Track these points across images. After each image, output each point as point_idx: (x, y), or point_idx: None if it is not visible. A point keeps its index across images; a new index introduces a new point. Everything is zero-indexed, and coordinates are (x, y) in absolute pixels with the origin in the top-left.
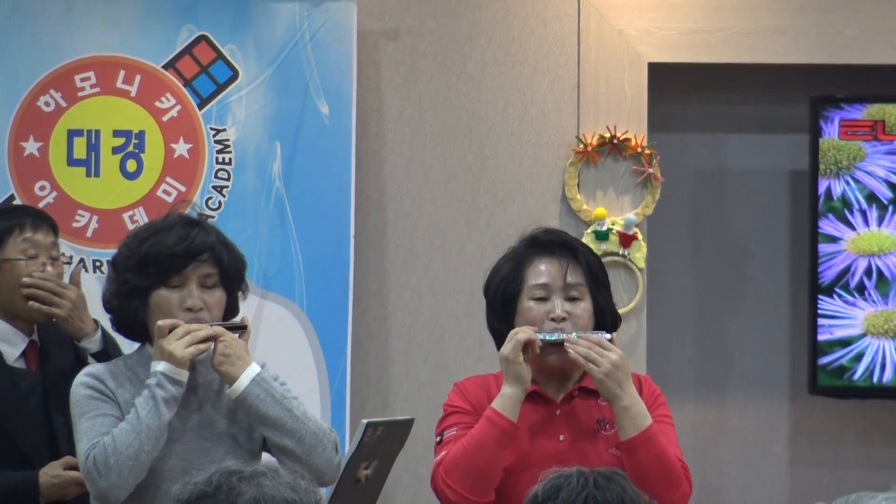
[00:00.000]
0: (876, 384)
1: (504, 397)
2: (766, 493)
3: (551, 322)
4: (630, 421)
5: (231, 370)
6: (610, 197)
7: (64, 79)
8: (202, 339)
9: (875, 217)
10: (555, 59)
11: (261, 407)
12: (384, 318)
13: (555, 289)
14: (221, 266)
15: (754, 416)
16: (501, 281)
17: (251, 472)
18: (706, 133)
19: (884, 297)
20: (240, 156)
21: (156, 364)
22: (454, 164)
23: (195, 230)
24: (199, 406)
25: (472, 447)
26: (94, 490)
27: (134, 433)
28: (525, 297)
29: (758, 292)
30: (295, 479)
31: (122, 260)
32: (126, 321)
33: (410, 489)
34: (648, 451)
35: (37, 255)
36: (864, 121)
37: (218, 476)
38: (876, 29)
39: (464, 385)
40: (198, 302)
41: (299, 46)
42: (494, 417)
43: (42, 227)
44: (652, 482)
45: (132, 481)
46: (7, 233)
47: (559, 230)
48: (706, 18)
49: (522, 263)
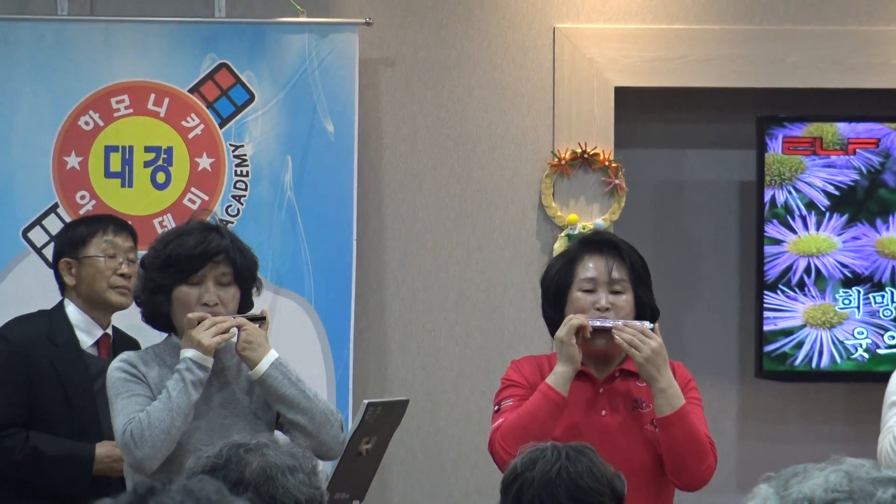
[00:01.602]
0: (814, 369)
1: (557, 374)
2: (718, 465)
3: (597, 312)
4: (666, 401)
5: (253, 355)
6: (581, 204)
7: (101, 101)
8: (226, 329)
9: (814, 222)
10: (532, 84)
11: (279, 387)
12: (382, 311)
13: (601, 282)
14: (235, 266)
15: (707, 397)
16: (555, 275)
17: (255, 443)
18: (665, 148)
19: (821, 293)
20: (256, 169)
21: (185, 351)
22: (444, 175)
23: (212, 234)
24: (221, 387)
25: (527, 416)
26: (131, 460)
27: (166, 411)
28: (575, 289)
29: (711, 288)
30: (293, 448)
31: (149, 261)
32: (153, 314)
33: (406, 461)
34: (682, 428)
35: (115, 255)
36: (804, 137)
37: (227, 449)
38: (814, 57)
39: (520, 363)
40: (213, 298)
41: (308, 72)
42: (548, 392)
43: (122, 233)
44: (683, 455)
45: (164, 452)
46: (91, 234)
47: (609, 232)
48: (665, 48)
49: (574, 260)
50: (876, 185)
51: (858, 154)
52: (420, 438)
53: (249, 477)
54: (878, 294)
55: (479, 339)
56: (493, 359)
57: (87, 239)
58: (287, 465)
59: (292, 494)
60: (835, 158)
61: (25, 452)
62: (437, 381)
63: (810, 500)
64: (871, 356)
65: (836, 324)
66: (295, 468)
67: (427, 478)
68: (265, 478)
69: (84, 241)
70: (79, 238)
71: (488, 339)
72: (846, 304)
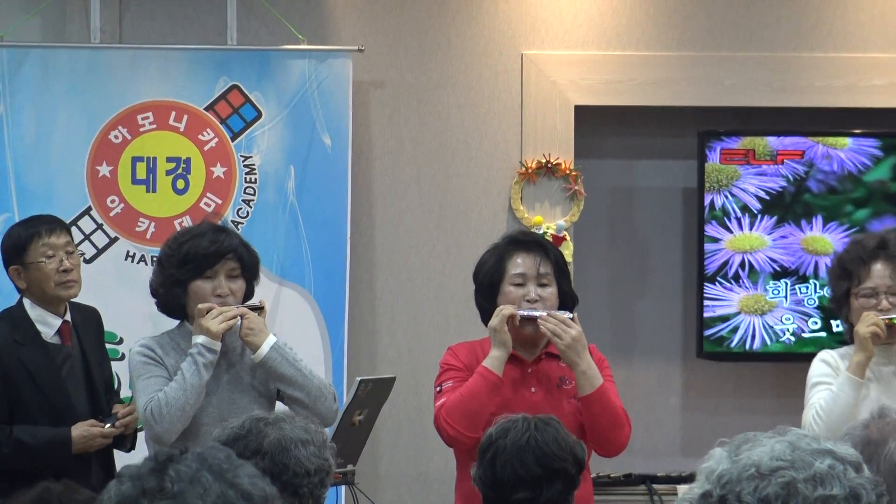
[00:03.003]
0: (747, 350)
1: (492, 358)
2: (665, 435)
3: (527, 303)
4: (587, 381)
5: (255, 340)
6: (545, 208)
7: (129, 118)
8: (231, 317)
9: (747, 223)
10: (503, 103)
11: (278, 367)
12: (373, 300)
13: (530, 277)
14: (243, 262)
15: (655, 375)
16: (488, 270)
17: (274, 418)
18: (619, 159)
19: (754, 284)
20: (263, 177)
21: (196, 337)
22: (426, 182)
23: (223, 235)
24: (228, 367)
25: (468, 395)
26: (151, 433)
27: (181, 390)
28: (506, 283)
29: (658, 280)
30: (307, 424)
31: (166, 258)
32: (169, 304)
33: (393, 430)
34: (601, 405)
35: (54, 254)
36: (739, 149)
37: (249, 421)
38: (748, 80)
39: (456, 349)
40: (225, 290)
41: (308, 93)
42: (485, 373)
43: (55, 232)
44: (604, 427)
45: (180, 427)
46: (28, 240)
47: (533, 232)
48: (619, 72)
49: (504, 257)
50: (801, 190)
51: (786, 164)
52: (405, 410)
53: (267, 446)
54: (803, 285)
55: (455, 325)
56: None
57: (27, 245)
58: (300, 439)
59: (303, 464)
60: (765, 168)
61: (11, 445)
62: (420, 361)
63: (757, 466)
64: (796, 339)
65: (766, 311)
66: (307, 441)
67: (411, 444)
68: (280, 448)
69: (24, 247)
70: (19, 245)
71: (463, 324)
72: (775, 294)
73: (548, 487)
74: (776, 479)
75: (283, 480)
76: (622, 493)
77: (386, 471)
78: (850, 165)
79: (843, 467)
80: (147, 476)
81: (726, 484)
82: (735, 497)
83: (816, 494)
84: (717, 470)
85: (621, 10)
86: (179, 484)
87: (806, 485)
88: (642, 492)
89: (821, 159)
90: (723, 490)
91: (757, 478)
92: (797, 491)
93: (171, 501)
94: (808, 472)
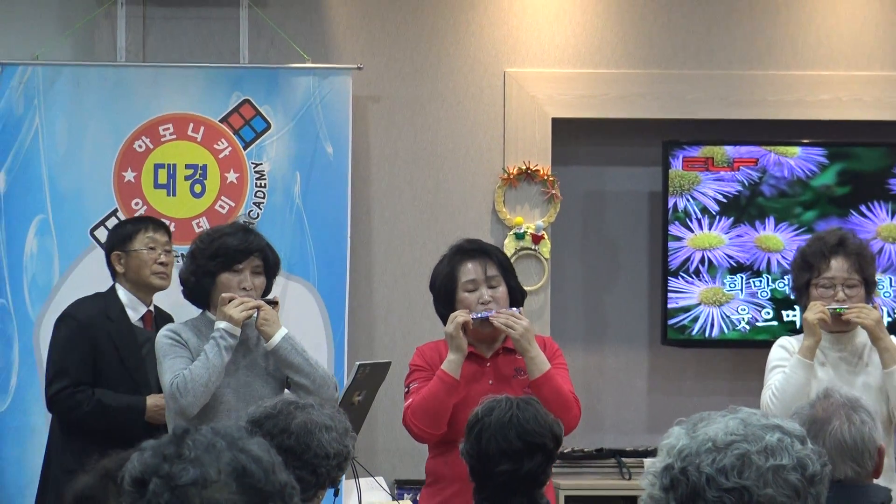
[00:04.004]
0: (707, 338)
1: (449, 362)
2: (632, 413)
3: (481, 305)
4: (536, 367)
5: (269, 330)
6: (525, 209)
7: (151, 129)
8: (250, 307)
9: (707, 223)
10: (487, 115)
11: (288, 356)
12: (371, 293)
13: (480, 281)
14: (266, 261)
15: (624, 360)
16: (442, 280)
17: (304, 403)
18: (591, 166)
19: (713, 278)
20: (272, 182)
21: (219, 323)
22: (419, 187)
23: (251, 235)
24: (245, 353)
25: (430, 397)
26: (176, 406)
27: (204, 368)
28: (460, 290)
29: (626, 275)
30: (333, 412)
31: (199, 252)
32: (196, 293)
33: (388, 409)
34: (549, 388)
35: (155, 248)
36: (699, 157)
37: (281, 404)
38: (707, 95)
39: (422, 350)
40: (249, 283)
41: (313, 106)
42: (443, 377)
43: (160, 230)
44: (552, 407)
45: (202, 401)
46: (136, 232)
47: (477, 239)
48: (591, 87)
49: (455, 266)
50: (755, 194)
51: (741, 170)
52: (400, 391)
53: (294, 427)
54: (756, 279)
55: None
56: None
57: (133, 236)
58: (325, 424)
59: (324, 447)
60: (723, 174)
61: (93, 404)
62: (413, 346)
63: (713, 440)
64: (751, 328)
65: (724, 302)
66: (330, 427)
67: None
68: (305, 430)
69: (131, 237)
70: (126, 235)
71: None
72: (732, 287)
73: (528, 460)
74: (732, 451)
75: (304, 459)
76: (594, 466)
77: (382, 444)
78: (799, 172)
79: (791, 440)
80: (167, 445)
81: (686, 457)
82: (695, 469)
83: (768, 464)
84: (676, 445)
85: (594, 32)
86: (196, 450)
87: (759, 456)
88: (612, 465)
89: (773, 166)
90: (683, 463)
91: (714, 451)
92: (751, 461)
93: (189, 464)
94: (760, 444)
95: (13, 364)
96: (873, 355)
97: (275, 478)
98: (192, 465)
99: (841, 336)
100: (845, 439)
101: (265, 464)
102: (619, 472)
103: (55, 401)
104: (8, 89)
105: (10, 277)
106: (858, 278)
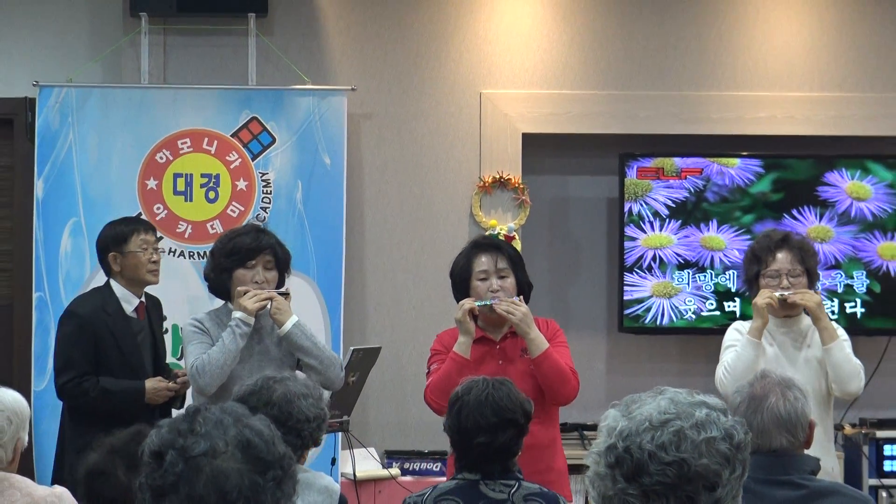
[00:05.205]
0: (658, 325)
1: (459, 343)
2: (593, 392)
3: (491, 293)
4: (535, 347)
5: (281, 318)
6: (499, 213)
7: (171, 143)
8: (263, 298)
9: (658, 225)
10: (465, 131)
11: (298, 341)
12: (363, 287)
13: (491, 272)
14: (277, 257)
15: (586, 345)
16: (459, 270)
17: (281, 377)
18: (557, 175)
19: (663, 274)
20: (276, 189)
21: (235, 312)
22: (405, 193)
23: (262, 234)
24: (259, 340)
25: (444, 376)
26: (196, 386)
27: (221, 353)
28: (474, 279)
29: (588, 270)
30: (306, 381)
31: (217, 251)
32: (217, 287)
33: (379, 388)
34: (548, 365)
35: (147, 248)
36: (651, 167)
37: (261, 380)
38: (658, 113)
39: (442, 336)
40: (262, 278)
41: (313, 123)
42: (454, 356)
43: (149, 231)
44: (552, 382)
45: (219, 381)
46: (129, 234)
47: (491, 236)
48: (556, 106)
49: (470, 258)
50: (700, 200)
51: (688, 179)
52: (389, 372)
53: (275, 399)
54: (701, 275)
55: (428, 307)
56: (438, 320)
57: (128, 238)
58: (301, 392)
59: (304, 412)
60: (672, 182)
61: (98, 391)
62: (400, 334)
63: (650, 420)
64: (696, 317)
65: (673, 295)
66: (307, 395)
67: (393, 399)
68: (285, 400)
69: (126, 239)
70: (121, 238)
71: (434, 306)
72: (680, 282)
73: (502, 433)
74: (668, 428)
75: (288, 426)
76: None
77: (374, 419)
78: (738, 180)
79: (717, 414)
80: (181, 422)
81: (627, 437)
82: (637, 447)
83: (701, 437)
84: (616, 427)
85: (559, 58)
86: (206, 426)
87: (692, 430)
88: (575, 437)
89: (716, 175)
90: (625, 442)
91: (651, 429)
92: (686, 436)
93: (201, 438)
94: (692, 420)
95: (49, 349)
96: (815, 336)
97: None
98: (203, 439)
99: (787, 320)
100: (780, 413)
101: (266, 437)
102: (581, 444)
103: (64, 390)
104: (45, 108)
105: (48, 273)
106: (801, 269)
